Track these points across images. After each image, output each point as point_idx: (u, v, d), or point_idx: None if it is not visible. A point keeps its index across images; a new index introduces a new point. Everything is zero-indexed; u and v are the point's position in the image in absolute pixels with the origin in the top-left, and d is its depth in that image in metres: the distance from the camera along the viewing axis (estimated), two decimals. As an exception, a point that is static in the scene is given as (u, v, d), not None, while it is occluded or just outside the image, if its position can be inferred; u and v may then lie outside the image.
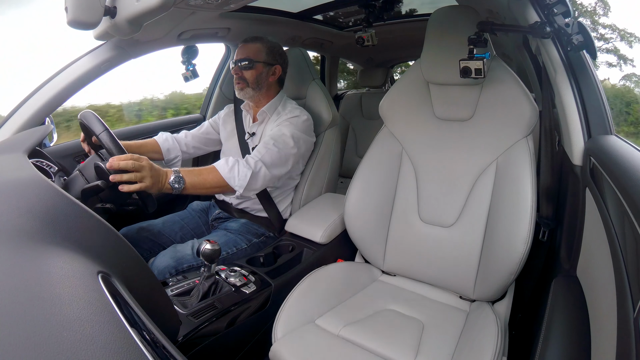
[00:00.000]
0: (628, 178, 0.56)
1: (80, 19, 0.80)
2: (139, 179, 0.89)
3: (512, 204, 0.96)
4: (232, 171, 1.09)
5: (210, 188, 1.09)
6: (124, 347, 0.34)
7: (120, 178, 0.87)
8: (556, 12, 0.80)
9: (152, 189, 0.93)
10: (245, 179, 1.09)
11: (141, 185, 0.89)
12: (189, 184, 1.01)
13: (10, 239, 0.44)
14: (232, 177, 1.09)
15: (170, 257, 1.11)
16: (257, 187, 1.15)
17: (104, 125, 0.91)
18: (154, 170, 0.94)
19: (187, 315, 0.89)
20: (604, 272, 0.60)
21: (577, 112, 0.86)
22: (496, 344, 0.82)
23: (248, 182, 1.10)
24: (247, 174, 1.10)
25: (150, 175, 0.91)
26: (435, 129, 1.13)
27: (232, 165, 1.09)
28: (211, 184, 1.07)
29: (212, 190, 1.12)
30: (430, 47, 1.11)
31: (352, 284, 1.11)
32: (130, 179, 0.88)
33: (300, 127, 1.26)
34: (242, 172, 1.10)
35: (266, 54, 1.28)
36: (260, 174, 1.13)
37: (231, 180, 1.08)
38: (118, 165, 0.87)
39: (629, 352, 0.42)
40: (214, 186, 1.08)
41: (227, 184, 1.08)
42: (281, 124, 1.24)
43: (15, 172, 0.61)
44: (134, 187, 0.89)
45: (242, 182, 1.09)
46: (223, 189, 1.10)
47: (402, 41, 2.21)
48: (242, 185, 1.09)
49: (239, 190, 1.10)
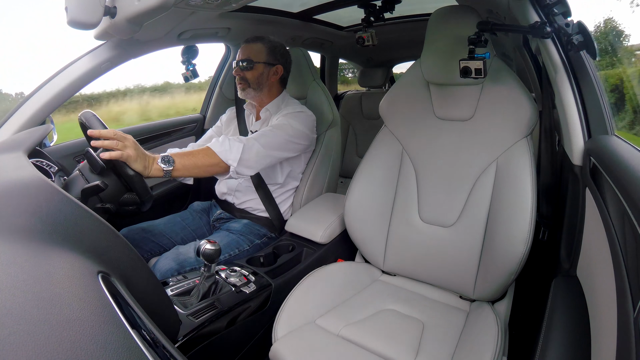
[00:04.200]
0: (628, 178, 0.56)
1: (80, 19, 0.80)
2: (120, 148, 0.87)
3: (512, 204, 0.96)
4: (223, 145, 1.06)
5: (202, 167, 1.04)
6: (124, 347, 0.34)
7: (101, 144, 0.85)
8: (556, 12, 0.80)
9: (136, 163, 0.89)
10: (238, 151, 1.06)
11: (122, 154, 0.86)
12: (179, 164, 0.97)
13: (10, 238, 0.44)
14: (224, 150, 1.06)
15: (173, 260, 1.11)
16: (252, 163, 1.11)
17: (104, 125, 0.91)
18: (138, 147, 0.91)
19: (187, 315, 0.89)
20: (604, 272, 0.60)
21: (577, 112, 0.86)
22: (496, 344, 0.82)
23: (241, 154, 1.07)
24: (240, 146, 1.07)
25: (133, 148, 0.89)
26: (436, 129, 1.13)
27: (223, 141, 1.08)
28: (203, 162, 1.03)
29: (204, 170, 1.06)
30: (430, 47, 1.11)
31: (352, 283, 1.11)
32: (112, 146, 0.86)
33: (303, 121, 1.26)
34: (235, 146, 1.07)
35: (267, 54, 1.28)
36: (253, 148, 1.10)
37: (223, 154, 1.05)
38: (99, 134, 0.86)
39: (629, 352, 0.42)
40: (207, 164, 1.04)
41: (221, 160, 1.05)
42: (284, 116, 1.25)
43: (15, 172, 0.61)
44: (115, 154, 0.85)
45: (235, 154, 1.06)
46: (215, 167, 1.06)
47: (402, 41, 2.21)
48: (235, 158, 1.06)
49: (233, 164, 1.06)
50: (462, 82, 1.02)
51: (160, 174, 0.95)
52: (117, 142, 0.87)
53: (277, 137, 1.17)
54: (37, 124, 1.15)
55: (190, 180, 1.37)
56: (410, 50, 2.44)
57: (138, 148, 0.91)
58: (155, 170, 0.94)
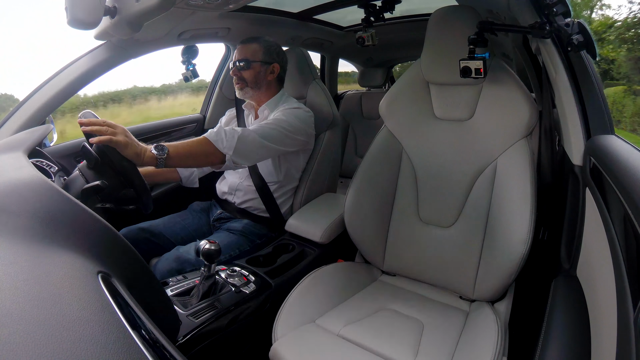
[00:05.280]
0: (628, 178, 0.56)
1: (80, 19, 0.80)
2: (110, 133, 0.86)
3: (512, 204, 0.96)
4: (219, 134, 1.06)
5: (197, 156, 1.03)
6: (124, 347, 0.34)
7: (90, 129, 0.85)
8: (556, 12, 0.79)
9: (127, 149, 0.88)
10: (232, 139, 1.05)
11: (111, 139, 0.85)
12: (173, 152, 0.96)
13: (11, 238, 0.44)
14: (219, 139, 1.05)
15: (174, 261, 1.11)
16: (247, 153, 1.10)
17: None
18: (129, 135, 0.90)
19: (187, 315, 0.89)
20: (604, 272, 0.60)
21: (577, 112, 0.86)
22: (496, 344, 0.82)
23: (236, 142, 1.05)
24: (235, 135, 1.06)
25: (123, 135, 0.88)
26: (435, 129, 1.13)
27: (218, 131, 1.07)
28: (198, 150, 1.02)
29: (199, 160, 1.06)
30: (430, 47, 1.11)
31: (352, 284, 1.11)
32: (101, 131, 0.85)
33: (301, 117, 1.26)
34: (230, 134, 1.06)
35: (263, 54, 1.29)
36: (249, 138, 1.09)
37: (218, 142, 1.04)
38: (89, 121, 0.86)
39: (629, 352, 0.42)
40: (201, 153, 1.03)
41: (215, 149, 1.04)
42: (281, 112, 1.25)
43: (15, 172, 0.61)
44: (104, 139, 0.85)
45: (230, 142, 1.05)
46: (210, 157, 1.05)
47: (402, 41, 2.21)
48: (230, 146, 1.05)
49: (228, 153, 1.05)
50: (462, 82, 1.02)
51: (154, 162, 0.93)
52: (106, 128, 0.86)
53: (273, 129, 1.17)
54: (37, 124, 1.15)
55: (196, 184, 1.38)
56: (410, 50, 2.44)
57: (129, 136, 0.90)
58: (149, 158, 0.92)
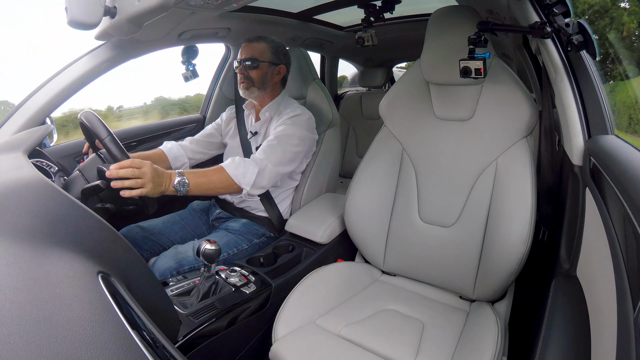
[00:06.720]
0: (628, 178, 0.56)
1: (80, 19, 0.80)
2: (140, 185, 0.89)
3: (512, 204, 0.96)
4: (238, 169, 1.09)
5: (215, 189, 1.08)
6: (124, 348, 0.34)
7: (121, 184, 0.87)
8: (556, 12, 0.79)
9: (154, 193, 0.92)
10: (252, 176, 1.09)
11: (142, 191, 0.89)
12: (194, 185, 1.00)
13: (10, 239, 0.44)
14: (239, 174, 1.08)
15: (172, 259, 1.11)
16: (264, 185, 1.15)
17: (108, 129, 0.90)
18: (155, 175, 0.93)
19: (187, 315, 0.89)
20: (604, 272, 0.60)
21: (577, 112, 0.86)
22: (496, 344, 0.82)
23: (255, 179, 1.10)
24: (254, 171, 1.10)
25: (151, 181, 0.91)
26: (435, 129, 1.13)
27: (238, 164, 1.09)
28: (216, 184, 1.06)
29: (217, 191, 1.11)
30: (430, 47, 1.11)
31: (352, 284, 1.11)
32: (132, 185, 0.88)
33: (304, 125, 1.26)
34: (250, 170, 1.10)
35: (271, 54, 1.28)
36: (266, 170, 1.13)
37: (238, 177, 1.08)
38: (117, 174, 0.86)
39: (629, 352, 0.42)
40: (220, 187, 1.07)
41: (234, 183, 1.08)
42: (284, 123, 1.25)
43: (15, 172, 0.61)
44: (135, 192, 0.88)
45: (249, 179, 1.09)
46: (229, 189, 1.09)
47: (402, 41, 2.21)
48: (249, 183, 1.09)
49: (246, 188, 1.10)
50: (462, 82, 1.02)
51: (175, 194, 0.98)
52: (136, 181, 0.88)
53: (285, 152, 1.19)
54: (37, 124, 1.15)
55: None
56: (410, 50, 2.44)
57: (155, 174, 0.92)
58: (170, 192, 0.98)
